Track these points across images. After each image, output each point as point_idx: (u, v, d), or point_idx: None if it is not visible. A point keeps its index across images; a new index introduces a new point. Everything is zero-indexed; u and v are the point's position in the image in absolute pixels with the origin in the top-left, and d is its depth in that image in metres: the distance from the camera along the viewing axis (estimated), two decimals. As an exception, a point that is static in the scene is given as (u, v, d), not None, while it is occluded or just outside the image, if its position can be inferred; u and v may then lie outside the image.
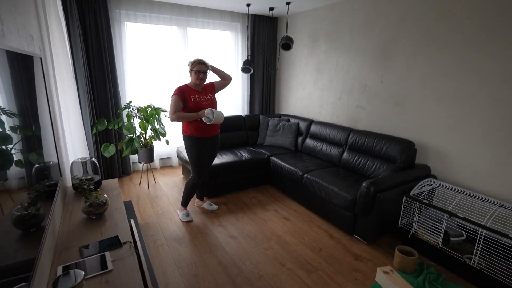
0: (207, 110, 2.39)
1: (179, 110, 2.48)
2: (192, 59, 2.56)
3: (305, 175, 2.97)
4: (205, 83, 2.65)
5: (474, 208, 2.21)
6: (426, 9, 2.59)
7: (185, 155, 3.58)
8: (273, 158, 3.46)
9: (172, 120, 2.47)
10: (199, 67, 2.48)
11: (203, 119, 2.42)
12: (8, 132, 0.99)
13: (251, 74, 4.51)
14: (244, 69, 3.95)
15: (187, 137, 2.59)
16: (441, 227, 2.11)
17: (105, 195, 1.89)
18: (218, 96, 4.43)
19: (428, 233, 2.23)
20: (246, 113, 4.72)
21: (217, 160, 3.31)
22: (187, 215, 2.81)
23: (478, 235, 1.92)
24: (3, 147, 0.93)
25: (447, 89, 2.52)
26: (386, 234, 2.57)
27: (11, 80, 1.10)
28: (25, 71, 1.29)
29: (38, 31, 1.84)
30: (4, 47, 1.02)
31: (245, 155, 3.49)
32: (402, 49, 2.84)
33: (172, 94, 2.50)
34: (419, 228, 2.29)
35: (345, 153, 3.22)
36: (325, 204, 2.73)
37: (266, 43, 4.51)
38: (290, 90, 4.51)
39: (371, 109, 3.23)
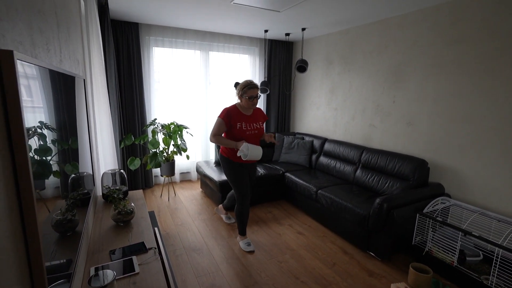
0: (243, 146, 2.17)
1: (220, 133, 2.31)
2: (243, 82, 2.31)
3: (319, 191, 2.98)
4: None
5: (490, 228, 2.15)
6: (438, 35, 2.66)
7: (204, 170, 3.69)
8: (288, 174, 3.50)
9: (211, 141, 2.34)
10: (253, 92, 2.23)
11: (238, 152, 2.24)
12: (49, 145, 1.09)
13: (267, 94, 4.66)
14: (261, 90, 4.09)
15: (223, 158, 2.45)
16: (456, 245, 2.07)
17: (132, 204, 2.00)
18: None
19: (443, 251, 2.18)
20: (262, 131, 4.80)
21: (234, 175, 3.39)
22: (249, 244, 2.53)
23: (495, 255, 1.87)
24: (44, 158, 1.02)
25: (459, 110, 2.53)
26: (400, 251, 2.52)
27: (63, 99, 1.25)
28: (71, 91, 1.44)
29: (82, 55, 2.05)
30: (61, 71, 1.17)
31: (261, 170, 3.53)
32: (414, 72, 2.90)
33: (218, 114, 2.33)
34: (434, 246, 2.24)
35: (358, 171, 3.22)
36: (339, 220, 2.72)
37: (282, 66, 4.67)
38: (304, 109, 4.59)
39: (384, 128, 3.25)
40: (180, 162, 4.29)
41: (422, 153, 2.87)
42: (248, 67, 4.59)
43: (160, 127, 3.58)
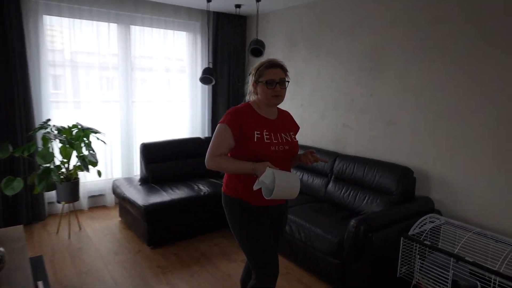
0: (265, 173, 1.56)
1: (225, 151, 1.72)
2: (258, 63, 1.80)
3: None
4: (281, 106, 1.89)
5: (488, 250, 2.30)
6: (419, 12, 2.83)
7: (123, 191, 3.46)
8: (240, 192, 3.46)
9: (209, 166, 1.73)
10: (273, 74, 1.71)
11: (255, 184, 1.61)
12: None
13: (213, 86, 4.58)
14: (204, 79, 4.00)
15: (229, 200, 1.81)
16: (448, 275, 2.17)
17: (1, 248, 1.75)
18: (169, 115, 4.41)
19: (434, 283, 2.27)
20: (207, 135, 4.73)
21: (166, 197, 3.27)
22: None
23: (492, 283, 1.99)
24: None
25: (447, 104, 2.71)
26: (382, 286, 2.58)
27: None
28: None
29: None
30: None
31: (204, 188, 3.50)
32: (393, 57, 3.05)
33: (220, 120, 1.75)
34: (423, 278, 2.33)
35: (330, 184, 3.29)
36: (306, 250, 2.73)
37: (233, 48, 4.64)
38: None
39: (360, 129, 3.37)
40: (89, 181, 4.01)
41: (406, 159, 3.01)
42: (186, 47, 4.49)
43: (56, 132, 3.28)
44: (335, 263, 2.49)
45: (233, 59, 4.67)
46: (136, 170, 4.30)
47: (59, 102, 3.79)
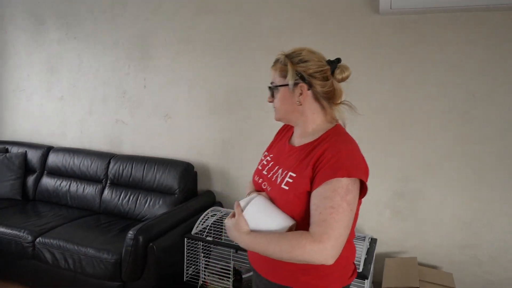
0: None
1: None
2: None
3: (38, 239, 2.55)
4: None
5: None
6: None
7: None
8: (-27, 221, 2.79)
9: None
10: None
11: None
12: None
13: None
14: None
15: None
16: (230, 266, 2.36)
17: None
18: None
19: (219, 278, 2.43)
20: None
21: None
22: None
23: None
24: None
25: (216, 97, 2.94)
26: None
27: None
28: None
29: None
30: None
31: None
32: (163, 46, 3.08)
33: None
34: (208, 276, 2.45)
35: (106, 191, 3.09)
36: (77, 279, 2.44)
37: None
38: (4, 100, 3.90)
39: (136, 124, 3.28)
40: None
41: (186, 154, 3.11)
42: None
43: None
44: (114, 286, 2.31)
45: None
46: None
47: None
